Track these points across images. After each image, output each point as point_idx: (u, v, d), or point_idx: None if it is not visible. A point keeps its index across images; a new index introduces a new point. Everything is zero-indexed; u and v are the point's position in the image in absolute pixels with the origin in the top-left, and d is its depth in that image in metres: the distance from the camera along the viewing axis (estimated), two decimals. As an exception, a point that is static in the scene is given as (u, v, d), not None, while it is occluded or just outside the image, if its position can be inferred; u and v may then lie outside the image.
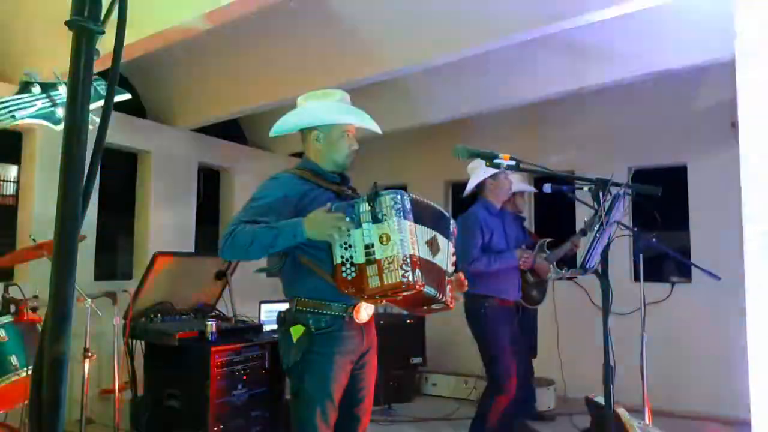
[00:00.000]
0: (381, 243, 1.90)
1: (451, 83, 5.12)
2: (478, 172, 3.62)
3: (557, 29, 3.66)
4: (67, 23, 0.78)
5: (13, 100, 1.10)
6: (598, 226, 2.07)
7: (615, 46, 4.32)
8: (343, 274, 1.95)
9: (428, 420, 4.75)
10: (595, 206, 2.03)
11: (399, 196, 1.95)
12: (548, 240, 4.12)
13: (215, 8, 3.15)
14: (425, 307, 2.12)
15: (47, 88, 1.13)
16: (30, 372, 2.77)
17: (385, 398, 4.98)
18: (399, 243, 1.89)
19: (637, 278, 3.67)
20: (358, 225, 1.95)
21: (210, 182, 6.08)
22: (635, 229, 3.55)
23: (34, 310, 2.99)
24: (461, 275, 2.19)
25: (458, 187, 6.34)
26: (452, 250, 2.13)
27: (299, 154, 7.55)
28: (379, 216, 1.93)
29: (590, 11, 3.36)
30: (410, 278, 1.87)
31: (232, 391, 3.42)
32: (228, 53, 4.83)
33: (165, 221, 5.22)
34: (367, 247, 1.92)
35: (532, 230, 5.45)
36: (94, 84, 1.24)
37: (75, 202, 0.75)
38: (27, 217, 4.38)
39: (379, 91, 5.02)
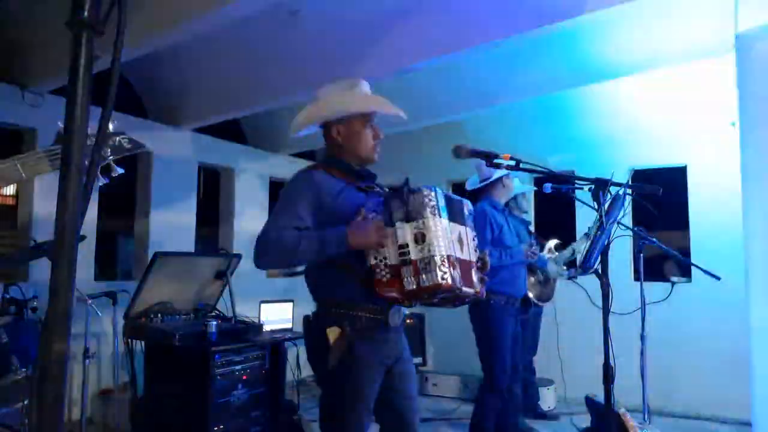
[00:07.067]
0: (416, 243, 1.77)
1: (451, 83, 5.12)
2: (486, 170, 3.61)
3: (555, 28, 3.66)
4: (67, 23, 0.78)
5: (51, 151, 1.19)
6: (597, 226, 2.07)
7: (614, 46, 4.32)
8: (377, 276, 1.81)
9: (428, 420, 4.74)
10: (595, 206, 2.03)
11: (434, 193, 1.82)
12: (555, 242, 4.13)
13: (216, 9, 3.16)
14: (457, 303, 1.99)
15: None
16: (29, 372, 2.78)
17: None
18: (435, 242, 1.75)
19: (637, 278, 3.68)
20: (390, 224, 1.81)
21: (210, 182, 6.07)
22: (635, 229, 3.54)
23: (34, 310, 3.00)
24: (486, 255, 2.07)
25: (458, 187, 6.34)
26: (473, 234, 2.02)
27: (299, 155, 7.48)
28: (413, 214, 1.78)
29: (588, 8, 3.35)
30: (449, 280, 1.74)
31: (232, 391, 3.42)
32: (228, 53, 4.83)
33: (165, 221, 5.22)
34: (401, 247, 1.78)
35: (532, 230, 5.45)
36: (119, 138, 1.30)
37: (75, 202, 0.75)
38: (27, 217, 4.38)
39: (378, 92, 5.01)
